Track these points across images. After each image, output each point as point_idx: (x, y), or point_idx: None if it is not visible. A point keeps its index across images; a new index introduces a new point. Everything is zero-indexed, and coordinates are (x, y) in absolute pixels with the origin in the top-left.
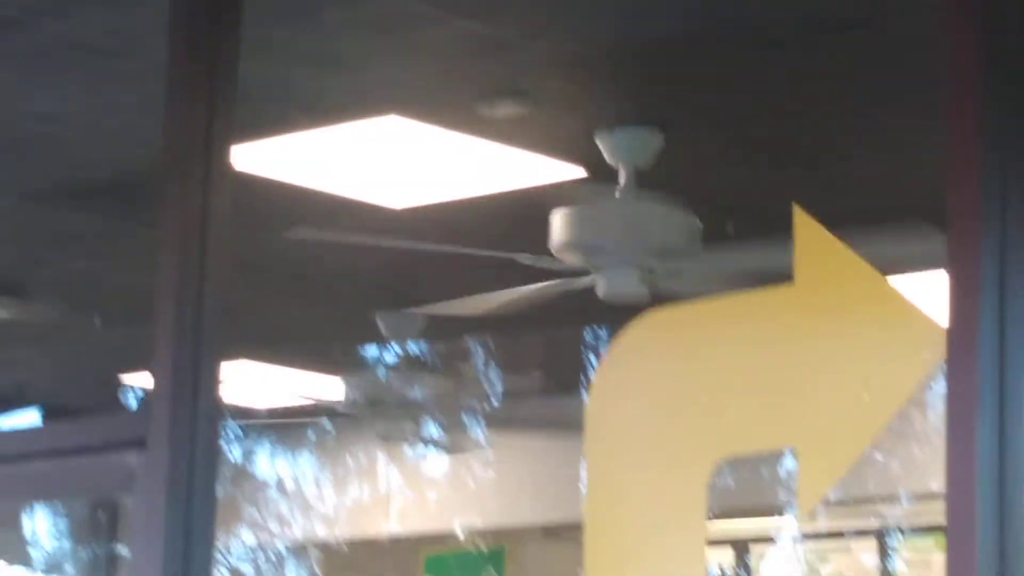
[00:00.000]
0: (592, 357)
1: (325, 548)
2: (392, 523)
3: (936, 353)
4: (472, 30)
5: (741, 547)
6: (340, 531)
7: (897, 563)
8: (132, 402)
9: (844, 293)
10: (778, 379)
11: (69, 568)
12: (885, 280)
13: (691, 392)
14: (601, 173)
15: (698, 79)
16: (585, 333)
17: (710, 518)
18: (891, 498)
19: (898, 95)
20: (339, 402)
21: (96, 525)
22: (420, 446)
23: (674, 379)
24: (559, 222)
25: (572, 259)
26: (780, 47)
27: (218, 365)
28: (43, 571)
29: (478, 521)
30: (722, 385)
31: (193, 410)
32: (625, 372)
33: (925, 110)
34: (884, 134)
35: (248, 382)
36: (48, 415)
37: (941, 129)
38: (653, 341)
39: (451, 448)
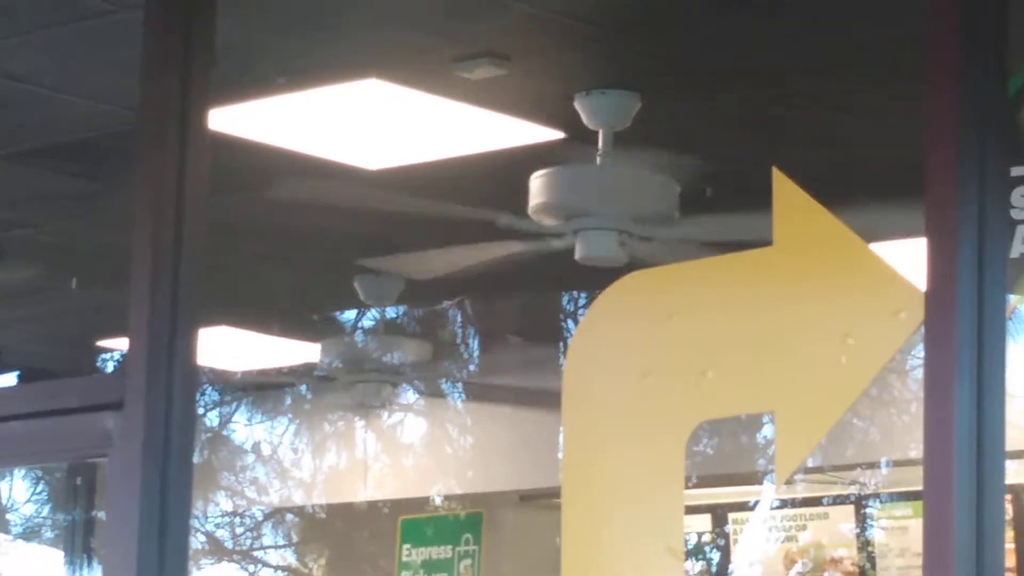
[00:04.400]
0: (570, 322)
1: (302, 513)
2: (369, 488)
3: (915, 317)
4: None
5: (720, 515)
6: (317, 496)
7: (875, 530)
8: (110, 365)
9: (823, 256)
10: (757, 343)
11: (47, 533)
12: (864, 244)
13: (670, 356)
14: (580, 136)
15: (677, 42)
16: (564, 298)
17: (689, 486)
18: (869, 465)
19: (878, 58)
20: (316, 366)
21: (73, 491)
22: (397, 411)
23: (653, 343)
24: (538, 184)
25: (550, 221)
26: (759, 10)
27: (195, 328)
28: (21, 537)
29: (455, 487)
30: (701, 349)
31: (169, 372)
32: (603, 335)
33: (904, 73)
34: (864, 98)
35: (225, 347)
36: (25, 378)
37: (920, 92)
38: (632, 304)
39: (428, 413)
